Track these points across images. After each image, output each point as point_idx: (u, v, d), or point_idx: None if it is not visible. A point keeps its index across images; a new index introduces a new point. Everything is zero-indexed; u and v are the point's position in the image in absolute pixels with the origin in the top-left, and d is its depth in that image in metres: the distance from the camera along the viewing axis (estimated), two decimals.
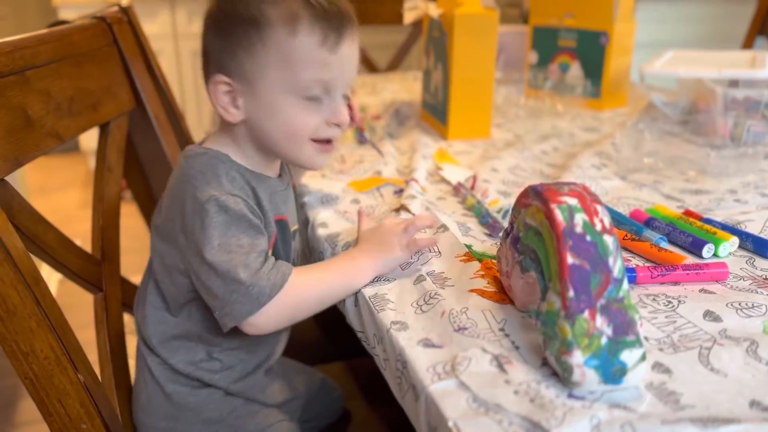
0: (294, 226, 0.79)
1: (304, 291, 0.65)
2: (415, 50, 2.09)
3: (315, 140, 0.70)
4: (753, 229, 0.78)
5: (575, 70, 1.41)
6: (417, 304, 0.63)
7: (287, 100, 0.67)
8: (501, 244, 0.65)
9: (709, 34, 2.63)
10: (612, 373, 0.48)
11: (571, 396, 0.48)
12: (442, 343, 0.56)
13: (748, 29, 1.72)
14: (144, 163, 1.03)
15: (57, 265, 0.74)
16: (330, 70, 0.67)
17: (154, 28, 3.10)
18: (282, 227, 0.74)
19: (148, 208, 1.08)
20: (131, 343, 1.91)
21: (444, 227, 0.78)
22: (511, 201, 0.86)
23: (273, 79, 0.67)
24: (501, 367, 0.52)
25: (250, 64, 0.66)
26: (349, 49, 0.68)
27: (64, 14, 3.04)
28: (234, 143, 0.71)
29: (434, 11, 1.16)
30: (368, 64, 2.01)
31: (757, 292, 0.64)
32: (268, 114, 0.68)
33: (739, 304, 0.62)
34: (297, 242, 0.80)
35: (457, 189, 0.92)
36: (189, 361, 0.74)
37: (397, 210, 0.82)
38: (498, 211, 0.84)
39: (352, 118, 0.85)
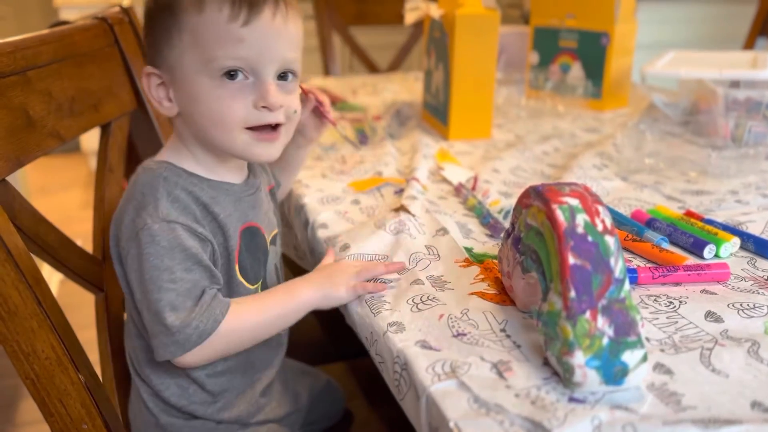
0: (273, 231, 0.77)
1: (236, 331, 0.63)
2: (416, 51, 2.09)
3: (251, 128, 0.66)
4: (754, 229, 0.78)
5: (576, 70, 1.41)
6: (413, 302, 0.63)
7: (204, 82, 0.63)
8: (502, 244, 0.65)
9: (711, 34, 2.63)
10: (613, 373, 0.48)
11: (572, 400, 0.48)
12: (440, 346, 0.56)
13: (749, 30, 1.71)
14: None
15: (58, 265, 0.74)
16: (247, 47, 0.63)
17: None
18: (251, 235, 0.71)
19: None
20: None
21: (444, 230, 0.77)
22: (512, 202, 0.86)
23: (189, 63, 0.64)
24: (501, 374, 0.52)
25: (168, 51, 0.65)
26: (272, 23, 0.63)
27: (66, 15, 3.04)
28: (184, 146, 0.69)
29: (435, 12, 1.16)
30: (369, 65, 2.01)
31: (759, 293, 0.64)
32: (192, 101, 0.65)
33: (741, 305, 0.61)
34: (278, 246, 0.79)
35: (458, 189, 0.92)
36: (181, 394, 0.72)
37: (397, 210, 0.82)
38: (499, 212, 0.84)
39: (322, 112, 0.82)
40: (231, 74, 0.63)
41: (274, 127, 0.67)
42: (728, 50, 1.42)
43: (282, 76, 0.67)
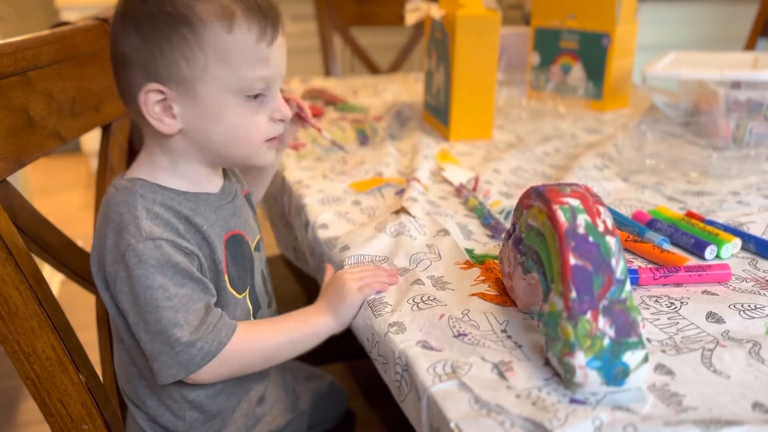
0: (256, 237, 0.76)
1: (242, 354, 0.63)
2: (417, 52, 2.09)
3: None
4: (755, 230, 0.78)
5: (577, 71, 1.41)
6: (413, 301, 0.63)
7: (232, 101, 0.64)
8: (503, 245, 0.65)
9: (712, 35, 2.63)
10: (614, 374, 0.48)
11: (573, 401, 0.48)
12: (441, 347, 0.56)
13: (750, 31, 1.71)
14: None
15: (59, 265, 0.74)
16: (270, 66, 0.65)
17: None
18: (235, 243, 0.70)
19: None
20: None
21: (445, 231, 0.77)
22: (513, 202, 0.86)
23: (214, 80, 0.63)
24: (502, 375, 0.51)
25: (186, 66, 0.62)
26: (283, 40, 0.66)
27: (67, 15, 3.05)
28: (164, 162, 0.66)
29: (436, 13, 1.16)
30: (370, 66, 2.01)
31: (760, 294, 0.64)
32: (213, 120, 0.64)
33: (742, 306, 0.61)
34: (262, 252, 0.78)
35: (459, 190, 0.92)
36: (176, 421, 0.70)
37: (397, 212, 0.82)
38: (500, 213, 0.84)
39: (303, 118, 0.82)
40: (258, 95, 0.65)
41: None
42: (729, 51, 1.42)
43: None
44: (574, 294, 0.49)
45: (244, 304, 0.71)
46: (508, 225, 0.81)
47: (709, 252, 0.72)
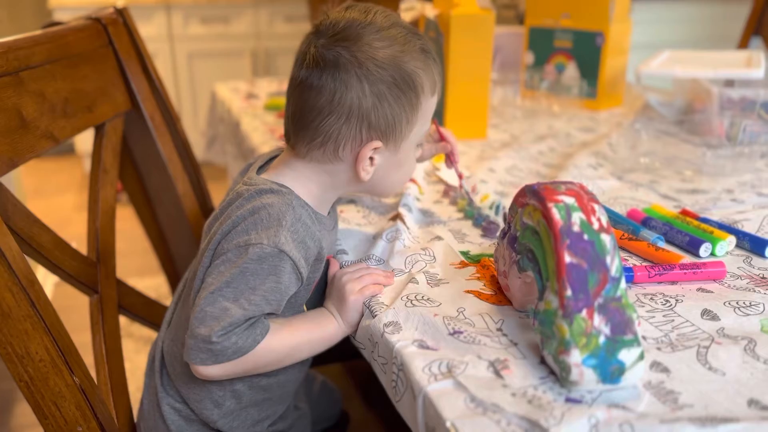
0: None
1: (270, 353, 0.64)
2: None
3: None
4: (750, 228, 0.78)
5: (571, 70, 1.41)
6: (407, 298, 0.63)
7: (413, 152, 0.72)
8: (498, 243, 0.65)
9: (705, 34, 2.64)
10: (610, 372, 0.48)
11: (569, 399, 0.48)
12: (437, 346, 0.56)
13: (743, 29, 1.72)
14: (139, 165, 1.03)
15: (52, 267, 0.74)
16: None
17: (150, 30, 3.10)
18: (326, 267, 0.72)
19: (144, 211, 1.08)
20: (127, 345, 1.89)
21: (438, 237, 0.77)
22: (508, 201, 0.86)
23: (413, 136, 0.70)
24: (498, 373, 0.51)
25: (406, 124, 0.68)
26: None
27: (60, 16, 3.03)
28: (311, 185, 0.69)
29: (430, 12, 1.16)
30: None
31: (755, 291, 0.64)
32: (399, 167, 0.71)
33: (737, 303, 0.61)
34: None
35: (446, 192, 0.92)
36: (213, 408, 0.71)
37: (393, 219, 0.82)
38: (490, 207, 0.84)
39: (452, 161, 0.88)
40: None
41: None
42: (722, 50, 1.42)
43: None
44: (569, 292, 0.49)
45: (301, 312, 0.72)
46: (499, 220, 0.81)
47: (704, 250, 0.72)
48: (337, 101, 0.65)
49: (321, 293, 0.73)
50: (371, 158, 0.68)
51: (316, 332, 0.67)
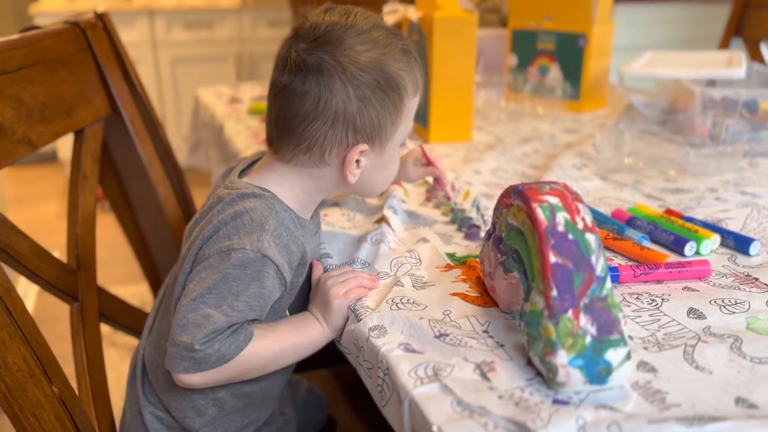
0: None
1: (253, 359, 0.63)
2: None
3: None
4: (734, 226, 0.78)
5: (554, 72, 1.41)
6: (393, 301, 0.62)
7: (396, 152, 0.72)
8: (483, 245, 0.64)
9: (686, 35, 2.66)
10: (597, 372, 0.48)
11: (556, 401, 0.48)
12: (423, 349, 0.55)
13: (723, 30, 1.73)
14: (121, 171, 1.02)
15: (31, 275, 0.72)
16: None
17: (132, 36, 3.08)
18: (309, 271, 0.72)
19: (125, 218, 1.07)
20: (111, 354, 1.87)
21: (424, 240, 0.77)
22: (493, 202, 0.86)
23: (397, 136, 0.70)
24: (484, 375, 0.51)
25: (391, 128, 0.68)
26: None
27: (41, 23, 3.01)
28: (295, 189, 0.68)
29: (413, 14, 1.16)
30: None
31: (740, 289, 0.64)
32: (384, 168, 0.71)
33: (722, 301, 0.61)
34: None
35: (429, 198, 0.91)
36: (195, 416, 0.70)
37: (378, 221, 0.81)
38: (473, 204, 0.84)
39: (439, 184, 0.88)
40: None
41: None
42: (704, 50, 1.43)
43: None
44: (555, 292, 0.49)
45: (284, 317, 0.71)
46: (478, 219, 0.80)
47: (689, 248, 0.72)
48: (322, 106, 0.64)
49: (305, 297, 0.72)
50: (358, 161, 0.67)
51: (301, 337, 0.66)
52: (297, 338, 0.66)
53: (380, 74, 0.65)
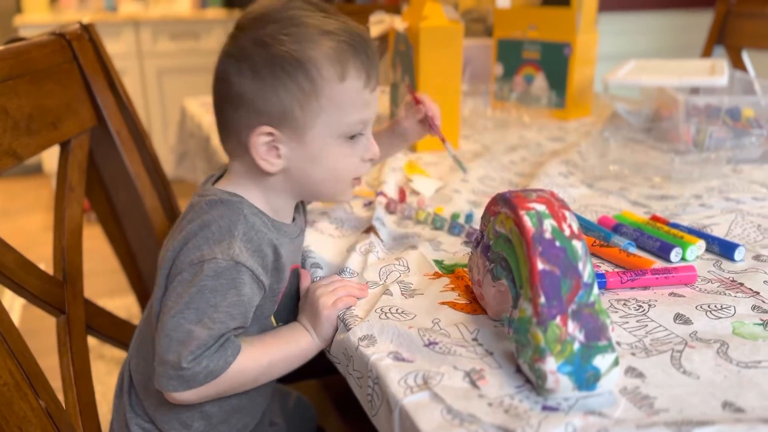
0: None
1: (243, 373, 0.62)
2: (383, 65, 2.10)
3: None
4: (718, 232, 0.79)
5: (540, 81, 1.42)
6: (381, 310, 0.62)
7: (334, 144, 0.66)
8: (472, 253, 0.65)
9: (669, 44, 2.69)
10: (585, 378, 0.48)
11: (545, 408, 0.48)
12: (412, 357, 0.55)
13: (706, 39, 1.76)
14: (107, 182, 1.01)
15: (17, 287, 0.72)
16: (370, 109, 0.68)
17: (118, 47, 3.07)
18: (295, 278, 0.71)
19: (112, 229, 1.06)
20: (98, 367, 1.85)
21: (413, 247, 0.77)
22: (480, 211, 0.86)
23: (322, 125, 0.65)
24: (474, 383, 0.51)
25: (300, 111, 0.63)
26: (378, 85, 0.69)
27: (25, 34, 2.99)
28: (259, 190, 0.67)
29: (399, 25, 1.17)
30: None
31: (725, 294, 0.65)
32: (315, 161, 0.66)
33: (709, 307, 0.62)
34: None
35: (388, 206, 0.90)
36: (181, 429, 0.69)
37: (367, 231, 0.82)
38: (455, 217, 0.84)
39: (431, 125, 0.84)
40: (355, 136, 0.68)
41: None
42: (686, 59, 1.45)
43: None
44: (543, 299, 0.49)
45: (270, 325, 0.71)
46: (466, 225, 0.81)
47: (675, 254, 0.72)
48: (226, 90, 0.64)
49: (292, 308, 0.72)
50: (276, 148, 0.65)
51: (290, 348, 0.66)
52: (286, 349, 0.66)
53: (281, 53, 0.62)
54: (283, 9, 0.64)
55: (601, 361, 0.48)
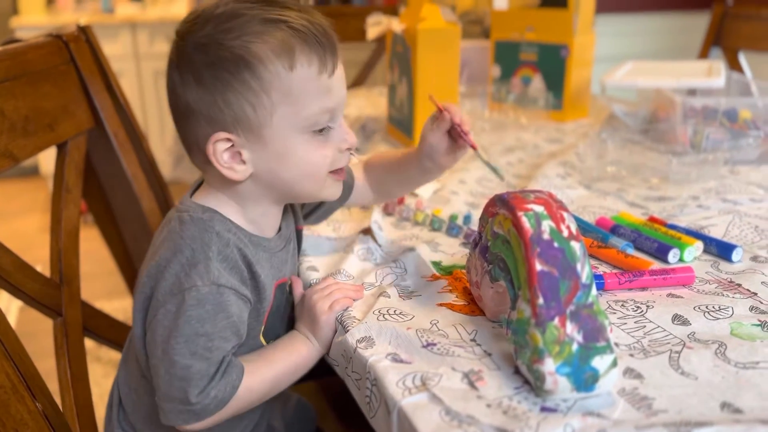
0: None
1: (250, 393, 0.62)
2: (380, 66, 2.10)
3: (331, 171, 0.66)
4: (716, 233, 0.79)
5: (537, 83, 1.42)
6: (380, 312, 0.62)
7: (300, 139, 0.61)
8: (470, 254, 0.64)
9: (667, 45, 2.69)
10: (584, 380, 0.48)
11: (544, 409, 0.48)
12: (411, 359, 0.55)
13: (702, 40, 1.76)
14: (104, 184, 1.01)
15: (13, 289, 0.71)
16: (333, 96, 0.62)
17: (115, 49, 3.07)
18: (282, 293, 0.69)
19: (109, 231, 1.06)
20: (95, 370, 1.85)
21: (411, 249, 0.77)
22: (478, 212, 0.86)
23: (279, 121, 0.60)
24: (472, 384, 0.51)
25: (252, 111, 0.59)
26: (341, 68, 0.64)
27: (22, 36, 2.99)
28: (235, 201, 0.64)
29: (397, 26, 1.17)
30: None
31: (723, 295, 0.65)
32: (281, 159, 0.62)
33: (706, 307, 0.62)
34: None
35: (386, 207, 0.90)
36: None
37: (365, 232, 0.81)
38: (453, 218, 0.84)
39: (459, 134, 0.70)
40: (324, 128, 0.63)
41: None
42: (683, 60, 1.45)
43: None
44: (541, 300, 0.49)
45: (260, 345, 0.69)
46: (465, 226, 0.81)
47: (672, 255, 0.72)
48: (175, 102, 0.61)
49: (281, 325, 0.71)
50: (239, 153, 0.61)
51: (293, 358, 0.65)
52: (289, 360, 0.65)
53: (221, 53, 0.58)
54: (219, 5, 0.60)
55: (600, 362, 0.48)
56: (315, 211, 0.78)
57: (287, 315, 0.72)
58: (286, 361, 0.65)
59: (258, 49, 0.58)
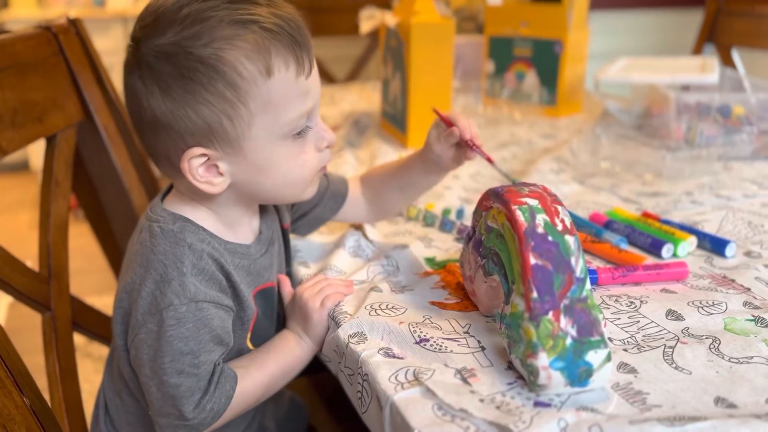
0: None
1: (244, 398, 0.61)
2: (374, 61, 2.09)
3: None
4: (709, 228, 0.79)
5: (531, 78, 1.42)
6: (372, 307, 0.62)
7: (280, 146, 0.58)
8: (464, 248, 0.64)
9: (660, 42, 2.70)
10: (578, 374, 0.48)
11: (537, 403, 0.48)
12: (403, 354, 0.55)
13: (696, 37, 1.76)
14: (95, 179, 1.00)
15: (2, 284, 0.70)
16: (311, 97, 0.59)
17: (107, 43, 3.04)
18: (265, 299, 0.68)
19: (100, 226, 1.05)
20: (85, 365, 1.84)
21: (403, 245, 0.76)
22: (472, 207, 0.86)
23: (258, 131, 0.57)
24: (465, 381, 0.50)
25: (228, 123, 0.55)
26: (315, 66, 0.60)
27: (12, 29, 2.96)
28: (208, 208, 0.62)
29: (390, 20, 1.16)
30: (327, 76, 2.00)
31: (717, 290, 0.64)
32: (262, 169, 0.59)
33: (700, 303, 0.62)
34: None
35: None
36: None
37: (356, 227, 0.81)
38: (446, 213, 0.84)
39: (471, 147, 0.70)
40: (303, 131, 0.60)
41: None
42: (677, 56, 1.45)
43: None
44: (535, 294, 0.49)
45: (248, 350, 0.68)
46: (457, 221, 0.80)
47: (666, 250, 0.72)
48: (138, 111, 0.56)
49: (268, 331, 0.70)
50: (215, 166, 0.57)
51: (286, 359, 0.65)
52: (282, 362, 0.65)
53: (189, 62, 0.53)
54: (180, 4, 0.54)
55: (594, 357, 0.48)
56: (304, 216, 0.77)
57: (275, 317, 0.71)
58: (279, 362, 0.65)
59: (231, 56, 0.53)
